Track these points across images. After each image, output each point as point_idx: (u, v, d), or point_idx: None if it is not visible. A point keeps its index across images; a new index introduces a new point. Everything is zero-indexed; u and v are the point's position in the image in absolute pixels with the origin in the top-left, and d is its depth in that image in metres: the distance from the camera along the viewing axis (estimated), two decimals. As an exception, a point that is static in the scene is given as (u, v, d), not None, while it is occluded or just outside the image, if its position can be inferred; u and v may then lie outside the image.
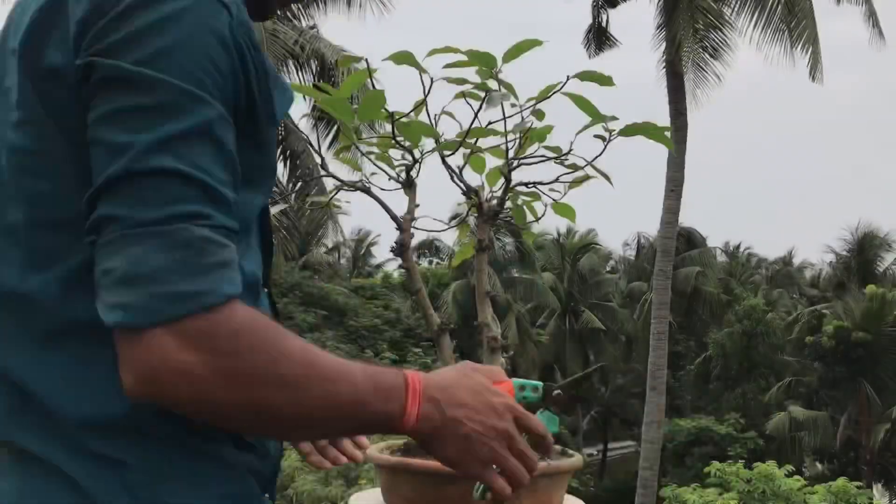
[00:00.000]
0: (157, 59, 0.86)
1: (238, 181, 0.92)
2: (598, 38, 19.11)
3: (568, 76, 1.64)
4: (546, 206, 1.86)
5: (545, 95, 1.68)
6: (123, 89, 0.86)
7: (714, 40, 17.37)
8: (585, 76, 1.61)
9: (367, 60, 1.57)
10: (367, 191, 1.75)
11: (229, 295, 0.85)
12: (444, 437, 0.96)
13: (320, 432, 0.97)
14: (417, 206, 1.75)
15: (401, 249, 1.71)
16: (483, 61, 1.60)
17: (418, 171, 1.76)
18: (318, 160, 1.51)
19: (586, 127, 1.71)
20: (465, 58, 1.63)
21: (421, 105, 1.67)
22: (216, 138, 0.88)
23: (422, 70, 1.61)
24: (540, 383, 1.11)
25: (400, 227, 1.71)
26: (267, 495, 1.07)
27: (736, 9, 17.18)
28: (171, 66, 0.86)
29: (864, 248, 35.33)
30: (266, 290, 1.10)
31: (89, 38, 0.88)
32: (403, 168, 1.77)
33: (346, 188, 1.79)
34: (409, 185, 1.75)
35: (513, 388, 1.07)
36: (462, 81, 1.65)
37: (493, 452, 0.98)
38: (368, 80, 1.70)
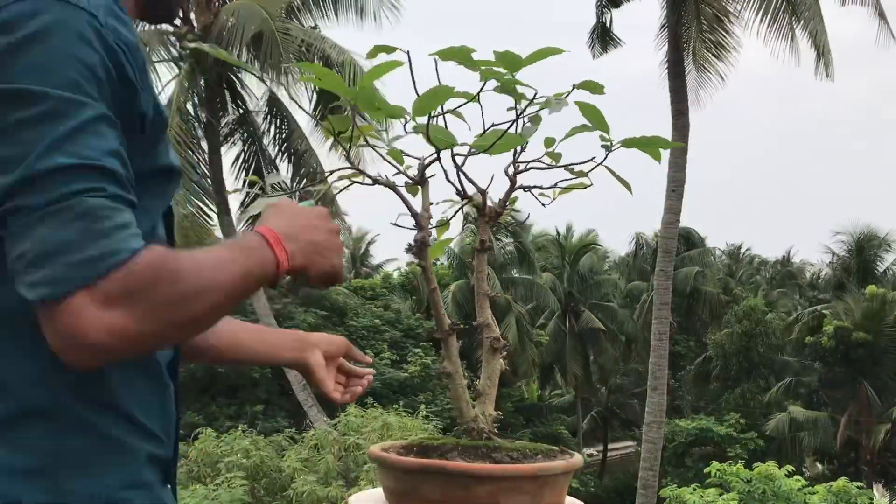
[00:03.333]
0: (33, 73, 0.94)
1: (129, 172, 0.99)
2: (602, 37, 19.09)
3: (574, 85, 1.63)
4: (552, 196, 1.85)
5: (549, 105, 1.67)
6: (7, 105, 0.93)
7: (717, 40, 17.36)
8: (581, 86, 1.60)
9: (408, 53, 1.55)
10: (392, 186, 1.73)
11: (134, 249, 0.94)
12: (313, 262, 1.15)
13: (229, 307, 1.06)
14: (432, 203, 1.75)
15: (420, 246, 1.71)
16: (508, 63, 1.60)
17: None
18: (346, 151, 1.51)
19: (575, 131, 1.70)
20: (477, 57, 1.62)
21: (474, 98, 1.65)
22: (99, 132, 0.96)
23: (475, 66, 1.59)
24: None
25: (419, 225, 1.70)
26: (169, 486, 1.14)
27: (741, 5, 17.15)
28: (48, 77, 0.94)
29: (864, 248, 35.32)
30: None
31: None
32: (416, 165, 1.75)
33: (362, 182, 1.77)
34: (422, 183, 1.74)
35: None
36: (511, 83, 1.63)
37: (336, 246, 1.20)
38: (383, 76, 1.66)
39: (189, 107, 15.13)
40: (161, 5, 1.24)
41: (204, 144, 15.67)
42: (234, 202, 15.96)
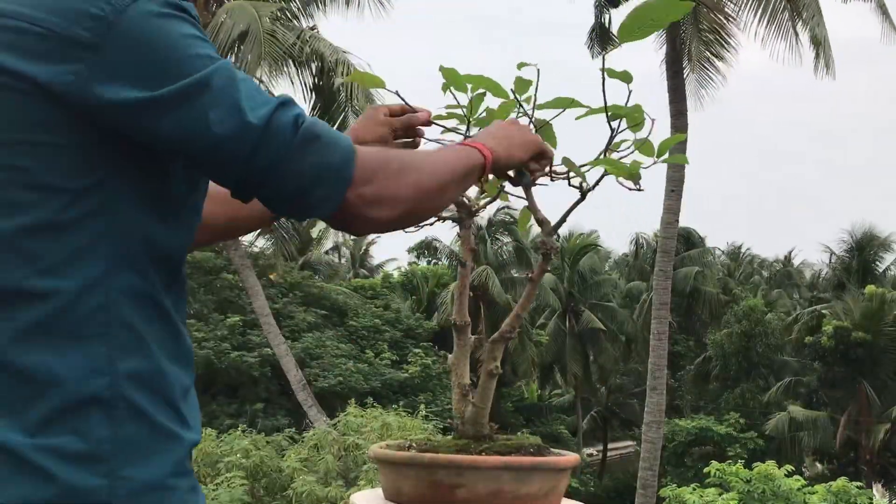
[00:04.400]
0: (182, 65, 1.04)
1: None
2: (601, 37, 19.11)
3: (602, 70, 1.65)
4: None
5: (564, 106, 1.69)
6: (182, 102, 1.03)
7: (716, 39, 17.36)
8: (612, 74, 1.62)
9: (396, 92, 1.67)
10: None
11: (350, 141, 1.13)
12: (510, 151, 1.41)
13: (458, 188, 1.32)
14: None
15: (545, 254, 1.77)
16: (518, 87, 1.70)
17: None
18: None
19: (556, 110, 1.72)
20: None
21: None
22: (243, 78, 1.08)
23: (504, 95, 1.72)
24: None
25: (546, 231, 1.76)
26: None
27: (740, 6, 17.16)
28: (193, 62, 1.04)
29: (864, 248, 35.34)
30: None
31: (101, 78, 1.01)
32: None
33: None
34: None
35: None
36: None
37: (531, 138, 1.48)
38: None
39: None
40: None
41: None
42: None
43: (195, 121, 1.03)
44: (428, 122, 1.69)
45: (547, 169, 1.58)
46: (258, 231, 17.05)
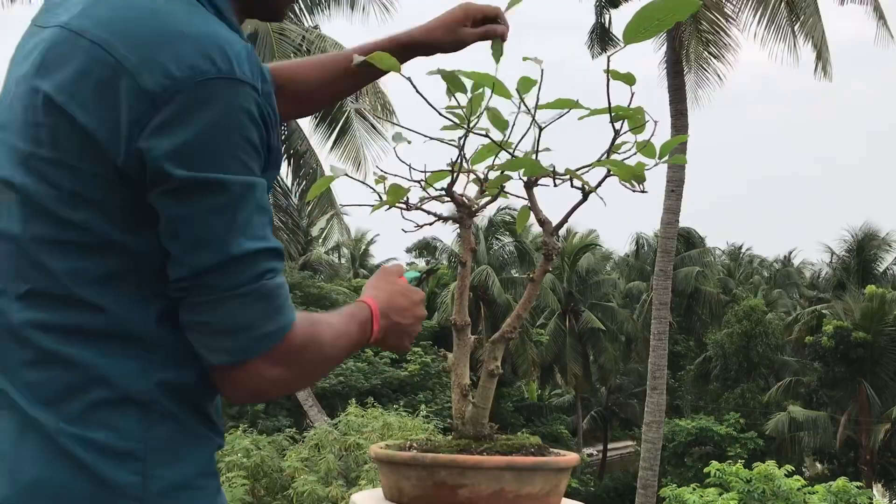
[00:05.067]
0: (214, 160, 1.04)
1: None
2: (602, 38, 19.12)
3: (606, 72, 1.65)
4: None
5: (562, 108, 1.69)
6: (200, 193, 1.04)
7: (715, 40, 17.35)
8: (616, 77, 1.61)
9: (409, 79, 1.65)
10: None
11: (292, 320, 1.13)
12: (389, 336, 1.36)
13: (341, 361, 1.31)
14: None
15: (547, 256, 1.78)
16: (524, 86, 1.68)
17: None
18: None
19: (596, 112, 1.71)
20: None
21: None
22: (264, 208, 1.11)
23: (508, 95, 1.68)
24: (418, 273, 1.55)
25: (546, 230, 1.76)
26: None
27: (740, 6, 17.16)
28: (228, 164, 1.05)
29: (864, 248, 35.32)
30: None
31: (147, 131, 1.03)
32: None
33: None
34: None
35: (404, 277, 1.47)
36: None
37: (417, 331, 1.42)
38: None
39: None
40: (268, 5, 1.31)
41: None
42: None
43: (194, 215, 1.05)
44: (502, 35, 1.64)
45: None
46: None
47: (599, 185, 1.71)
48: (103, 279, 1.08)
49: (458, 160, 1.81)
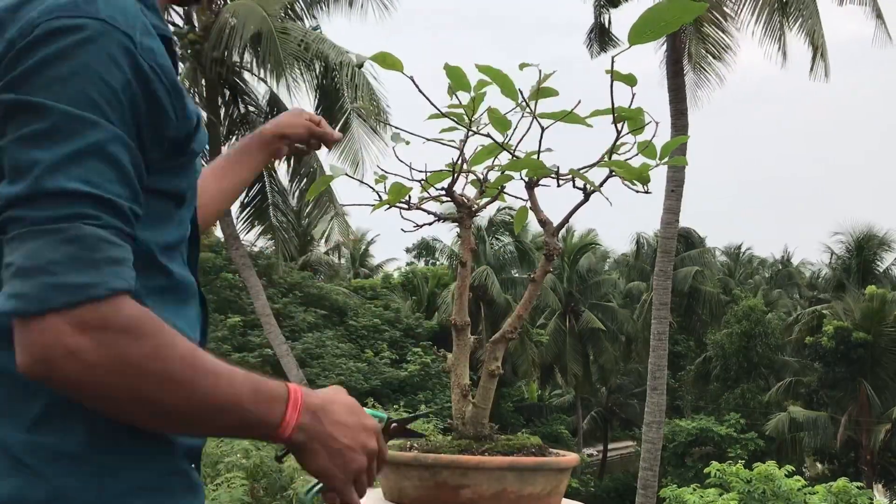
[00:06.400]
0: (51, 88, 0.95)
1: (137, 203, 1.00)
2: (601, 38, 19.11)
3: (608, 72, 1.65)
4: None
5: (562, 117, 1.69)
6: (23, 117, 0.96)
7: (715, 40, 17.35)
8: (618, 77, 1.61)
9: (411, 78, 1.65)
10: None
11: (116, 289, 0.94)
12: (316, 449, 1.07)
13: (204, 429, 1.04)
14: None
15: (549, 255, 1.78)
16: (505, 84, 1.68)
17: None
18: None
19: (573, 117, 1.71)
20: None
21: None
22: (109, 156, 0.97)
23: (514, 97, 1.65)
24: (384, 415, 1.25)
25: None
26: (193, 465, 1.15)
27: (740, 6, 17.16)
28: (65, 94, 0.95)
29: (864, 248, 35.30)
30: (201, 297, 1.21)
31: (1, 71, 0.98)
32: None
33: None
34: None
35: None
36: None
37: (360, 467, 1.09)
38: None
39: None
40: None
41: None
42: (234, 204, 15.95)
43: (14, 141, 0.96)
44: (332, 144, 1.75)
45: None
46: (259, 231, 17.04)
47: (602, 184, 1.70)
48: None
49: (459, 160, 1.81)
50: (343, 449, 1.07)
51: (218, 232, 15.24)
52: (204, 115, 15.33)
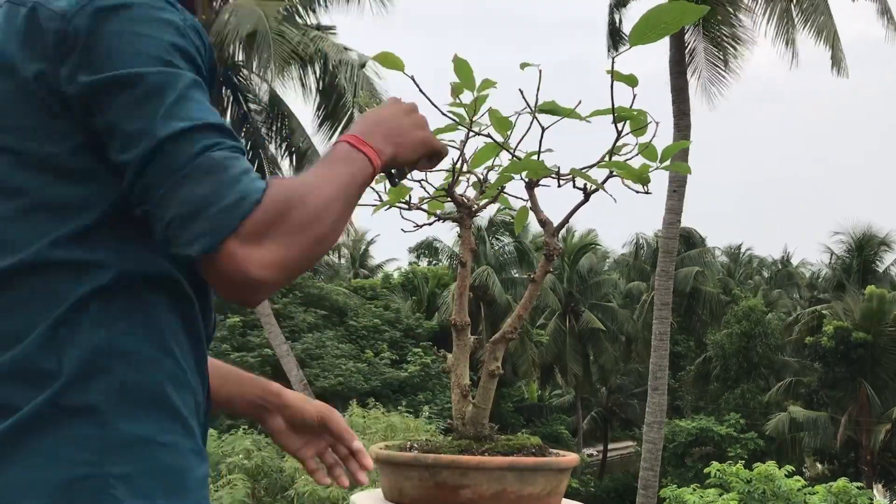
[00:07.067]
0: (131, 60, 1.03)
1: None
2: (612, 36, 19.15)
3: (609, 72, 1.64)
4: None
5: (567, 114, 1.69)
6: (118, 91, 1.02)
7: (720, 40, 17.36)
8: (619, 78, 1.60)
9: (412, 77, 1.63)
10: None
11: (260, 188, 1.02)
12: (404, 149, 1.23)
13: (350, 210, 1.16)
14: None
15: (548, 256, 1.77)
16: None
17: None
18: None
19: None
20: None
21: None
22: (197, 96, 1.05)
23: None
24: None
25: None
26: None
27: (746, 5, 17.17)
28: (144, 60, 1.03)
29: (864, 248, 35.31)
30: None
31: (75, 56, 1.04)
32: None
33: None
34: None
35: None
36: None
37: (430, 134, 1.29)
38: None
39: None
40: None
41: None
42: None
43: (116, 117, 1.02)
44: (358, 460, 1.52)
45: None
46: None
47: (604, 183, 1.71)
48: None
49: (459, 161, 1.81)
50: (408, 126, 1.24)
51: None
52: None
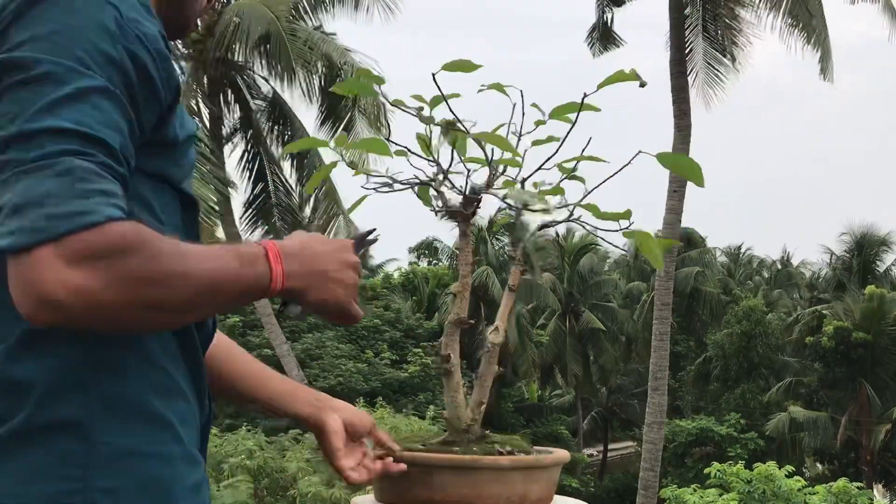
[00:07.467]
0: (37, 43, 0.97)
1: (129, 150, 1.00)
2: (603, 37, 19.07)
3: (613, 74, 1.62)
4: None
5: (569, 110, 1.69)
6: (13, 70, 0.97)
7: (721, 41, 17.37)
8: (624, 77, 1.58)
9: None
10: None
11: (110, 217, 0.93)
12: (313, 286, 1.11)
13: (210, 310, 1.07)
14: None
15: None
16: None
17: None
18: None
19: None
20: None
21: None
22: (97, 104, 0.97)
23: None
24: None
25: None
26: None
27: (746, 6, 17.19)
28: (52, 48, 0.97)
29: (864, 248, 35.32)
30: None
31: None
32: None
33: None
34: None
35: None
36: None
37: (354, 282, 1.19)
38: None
39: (193, 105, 15.12)
40: (172, 26, 1.22)
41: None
42: (236, 203, 15.96)
43: (3, 94, 0.97)
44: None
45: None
46: (262, 232, 17.04)
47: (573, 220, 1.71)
48: None
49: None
50: (334, 274, 1.14)
51: (220, 233, 15.23)
52: (206, 111, 15.37)
